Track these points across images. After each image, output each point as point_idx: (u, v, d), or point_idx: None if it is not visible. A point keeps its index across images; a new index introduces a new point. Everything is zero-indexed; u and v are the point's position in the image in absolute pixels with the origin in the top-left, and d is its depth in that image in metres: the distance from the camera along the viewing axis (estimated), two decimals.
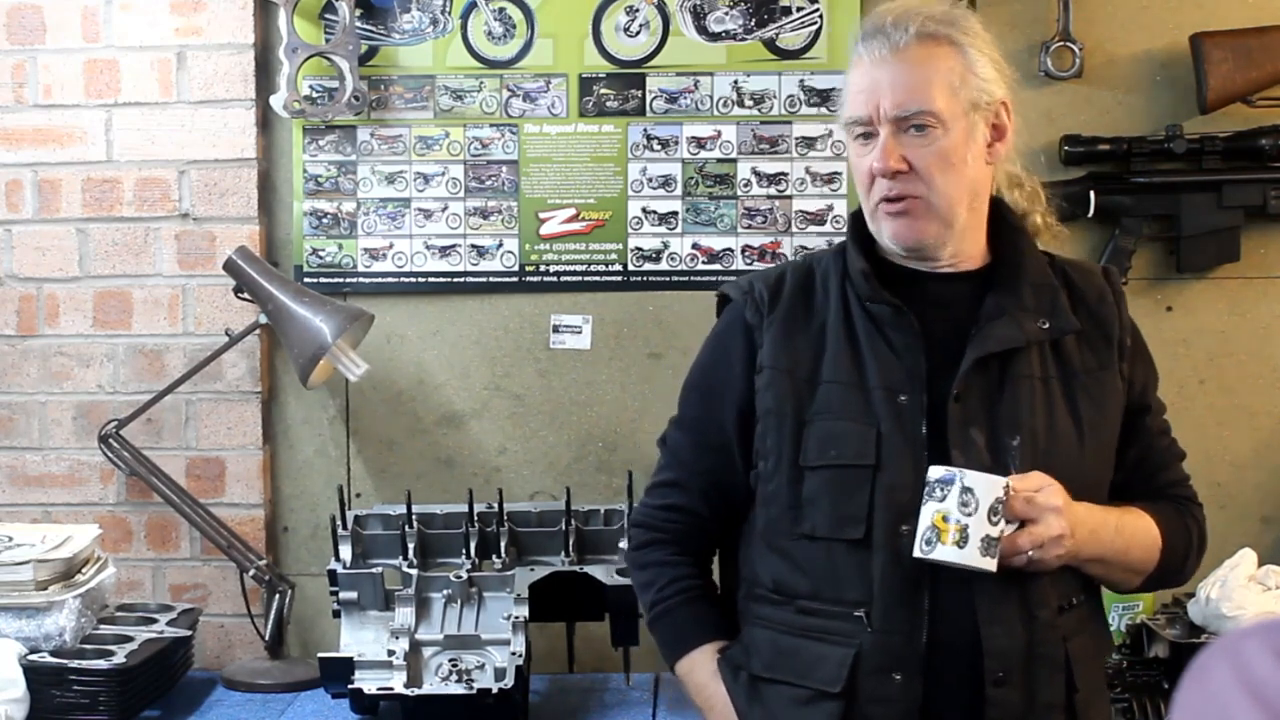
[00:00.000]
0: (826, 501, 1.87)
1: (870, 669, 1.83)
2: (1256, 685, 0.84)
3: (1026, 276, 1.92)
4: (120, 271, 2.87)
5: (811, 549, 1.88)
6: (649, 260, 2.87)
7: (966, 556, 1.76)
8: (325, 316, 2.66)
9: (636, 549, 2.06)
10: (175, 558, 2.89)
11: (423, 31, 2.87)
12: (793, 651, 1.89)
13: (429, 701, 2.39)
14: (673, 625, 2.02)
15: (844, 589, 1.85)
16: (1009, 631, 1.82)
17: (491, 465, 2.89)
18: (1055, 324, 1.91)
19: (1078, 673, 1.86)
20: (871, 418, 1.86)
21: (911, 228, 1.87)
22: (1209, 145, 2.75)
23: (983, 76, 1.87)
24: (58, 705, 2.39)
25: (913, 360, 1.87)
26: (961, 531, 1.76)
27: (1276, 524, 2.81)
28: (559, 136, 2.87)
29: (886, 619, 1.83)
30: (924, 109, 1.84)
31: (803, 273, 1.99)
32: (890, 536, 1.83)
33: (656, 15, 2.85)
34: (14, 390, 2.88)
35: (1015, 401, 1.86)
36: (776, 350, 1.93)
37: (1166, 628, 2.46)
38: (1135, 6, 2.81)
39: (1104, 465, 1.93)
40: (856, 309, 1.92)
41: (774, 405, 1.91)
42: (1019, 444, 1.84)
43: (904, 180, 1.85)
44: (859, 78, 1.88)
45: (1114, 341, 1.94)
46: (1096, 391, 1.91)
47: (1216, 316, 2.83)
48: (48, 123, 2.87)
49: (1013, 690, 1.82)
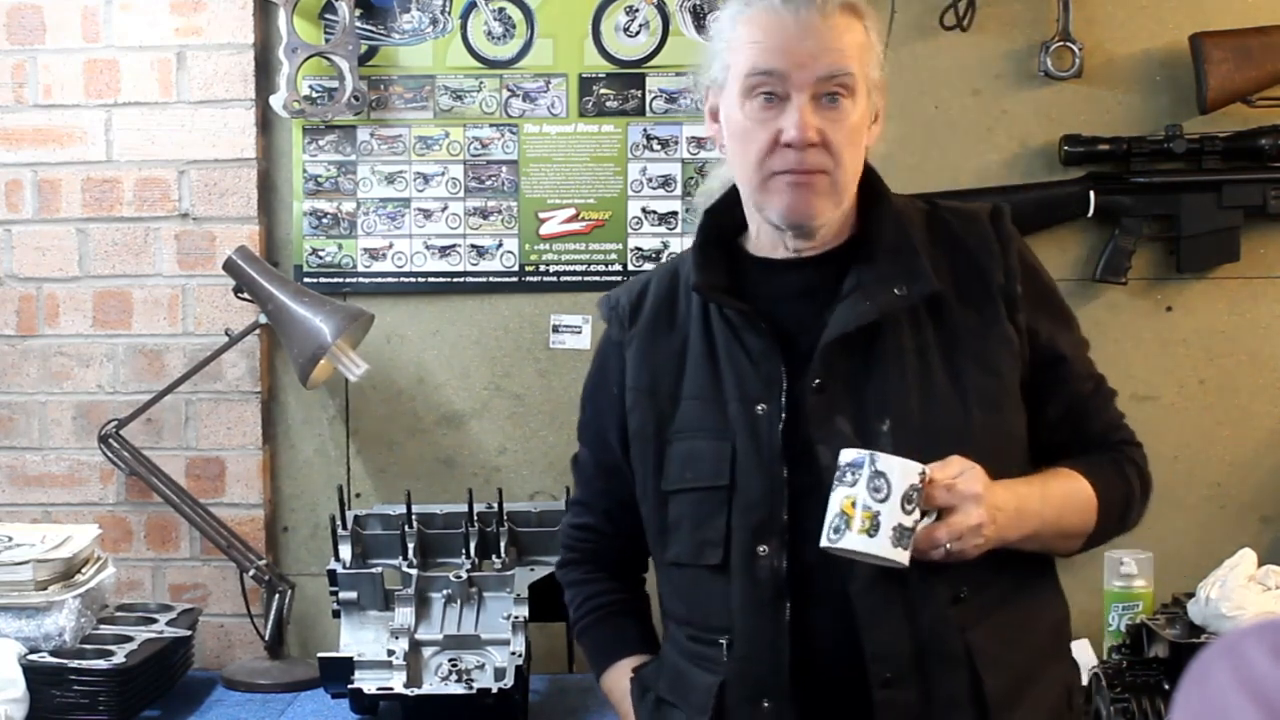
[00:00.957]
0: (687, 526, 1.80)
1: (737, 698, 1.76)
2: (1256, 685, 0.84)
3: (882, 244, 1.79)
4: (120, 271, 2.87)
5: (680, 575, 1.83)
6: (649, 260, 2.87)
7: (877, 546, 1.62)
8: (325, 316, 2.66)
9: (559, 568, 2.09)
10: (175, 558, 2.89)
11: (422, 31, 2.87)
12: (680, 675, 1.84)
13: (429, 701, 2.39)
14: (590, 643, 2.02)
15: (709, 616, 1.79)
16: (893, 631, 1.71)
17: (491, 465, 2.89)
18: (914, 289, 1.76)
19: (983, 663, 1.72)
20: (727, 433, 1.77)
21: (810, 202, 1.74)
22: (1209, 145, 2.75)
23: (878, 56, 1.80)
24: (57, 705, 2.38)
25: (769, 365, 1.76)
26: (873, 519, 1.61)
27: (1276, 524, 2.81)
28: (559, 136, 2.87)
29: (748, 645, 1.75)
30: (849, 70, 1.72)
31: (668, 280, 1.90)
32: (747, 559, 1.74)
33: (656, 15, 2.85)
34: (14, 390, 2.88)
35: (884, 381, 1.74)
36: (638, 369, 1.87)
37: (1166, 628, 2.46)
38: (1135, 6, 2.81)
39: (1003, 431, 1.78)
40: (716, 316, 1.82)
41: (638, 427, 1.86)
42: (889, 427, 1.72)
43: (813, 154, 1.72)
44: (767, 33, 1.73)
45: (996, 292, 1.78)
46: (981, 351, 1.77)
47: (1216, 316, 2.82)
48: (48, 123, 2.87)
49: (904, 690, 1.70)
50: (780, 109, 1.73)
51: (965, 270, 1.80)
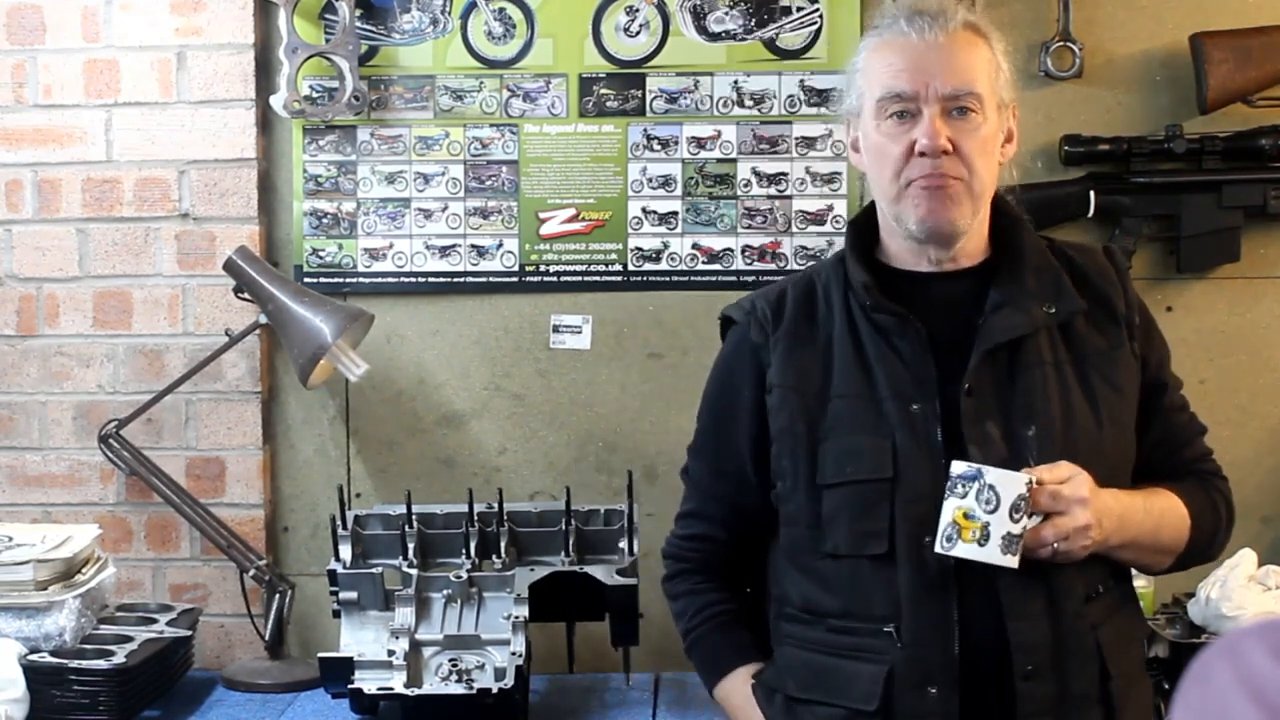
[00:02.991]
0: (846, 519, 1.86)
1: (905, 684, 1.82)
2: (1256, 685, 0.84)
3: (1028, 264, 1.91)
4: (120, 271, 2.87)
5: (836, 567, 1.88)
6: (649, 260, 2.87)
7: (987, 554, 1.75)
8: (325, 316, 2.66)
9: (667, 580, 2.11)
10: (175, 558, 2.89)
11: (423, 31, 2.87)
12: (826, 671, 1.88)
13: (429, 701, 2.39)
14: (705, 652, 2.05)
15: (872, 605, 1.85)
16: (1035, 625, 1.81)
17: (491, 465, 2.89)
18: (1061, 306, 1.89)
19: (1110, 660, 1.84)
20: (886, 430, 1.85)
21: (947, 208, 1.85)
22: (1209, 145, 2.75)
23: (1007, 76, 1.91)
24: (58, 705, 2.38)
25: (922, 367, 1.86)
26: (983, 529, 1.75)
27: (1276, 524, 2.81)
28: (559, 136, 2.87)
29: (917, 633, 1.82)
30: (974, 90, 1.85)
31: (804, 287, 1.99)
32: (914, 549, 1.82)
33: (656, 15, 2.85)
34: (14, 390, 2.88)
35: (1028, 390, 1.85)
36: (784, 368, 1.93)
37: (1166, 628, 2.46)
38: (1135, 6, 2.81)
39: (1125, 445, 1.92)
40: (861, 320, 1.91)
41: (787, 424, 1.91)
42: (1034, 434, 1.83)
43: (947, 161, 1.84)
44: (898, 55, 1.86)
45: (1121, 319, 1.93)
46: (1110, 371, 1.90)
47: (1216, 316, 2.83)
48: (48, 123, 2.87)
49: (1043, 683, 1.80)
50: (913, 123, 1.85)
51: (1092, 297, 1.93)
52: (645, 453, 2.86)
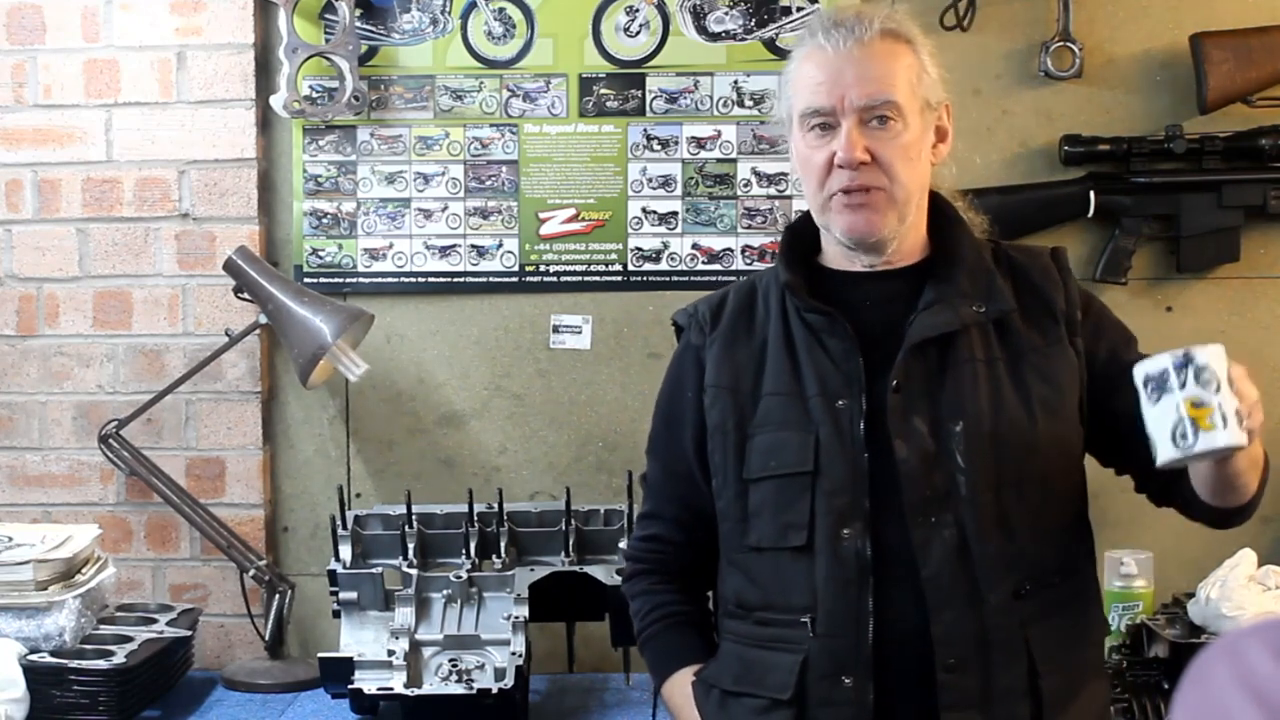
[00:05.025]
0: (769, 512, 1.90)
1: (818, 674, 1.84)
2: (1256, 685, 0.84)
3: (963, 265, 1.93)
4: (120, 271, 2.87)
5: (760, 560, 1.91)
6: (649, 260, 2.87)
7: (1229, 438, 1.59)
8: (325, 316, 2.66)
9: (625, 580, 2.14)
10: (175, 558, 2.89)
11: (423, 31, 2.87)
12: (752, 663, 1.91)
13: (429, 701, 2.39)
14: (654, 651, 2.08)
15: (791, 597, 1.87)
16: (959, 618, 1.81)
17: (491, 465, 2.89)
18: (991, 306, 1.91)
19: (1043, 657, 1.83)
20: (810, 425, 1.88)
21: (869, 220, 1.88)
22: (1209, 145, 2.75)
23: (933, 77, 1.93)
24: (58, 705, 2.38)
25: (850, 365, 1.89)
26: (1219, 412, 1.60)
27: (1276, 524, 2.81)
28: (559, 136, 2.87)
29: (831, 623, 1.84)
30: (890, 99, 1.87)
31: (746, 290, 2.04)
32: (832, 540, 1.85)
33: (656, 15, 2.85)
34: (14, 390, 2.88)
35: (957, 386, 1.87)
36: (719, 368, 1.97)
37: (1166, 628, 2.46)
38: (1135, 6, 2.81)
39: (1064, 438, 1.91)
40: (795, 321, 1.95)
41: (719, 422, 1.95)
42: (962, 428, 1.84)
43: (866, 171, 1.86)
44: (816, 69, 1.89)
45: (1060, 317, 1.93)
46: (1045, 367, 1.90)
47: (1216, 316, 2.82)
48: (48, 123, 2.87)
49: (966, 675, 1.81)
50: (833, 135, 1.88)
51: (1030, 296, 1.95)
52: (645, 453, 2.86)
